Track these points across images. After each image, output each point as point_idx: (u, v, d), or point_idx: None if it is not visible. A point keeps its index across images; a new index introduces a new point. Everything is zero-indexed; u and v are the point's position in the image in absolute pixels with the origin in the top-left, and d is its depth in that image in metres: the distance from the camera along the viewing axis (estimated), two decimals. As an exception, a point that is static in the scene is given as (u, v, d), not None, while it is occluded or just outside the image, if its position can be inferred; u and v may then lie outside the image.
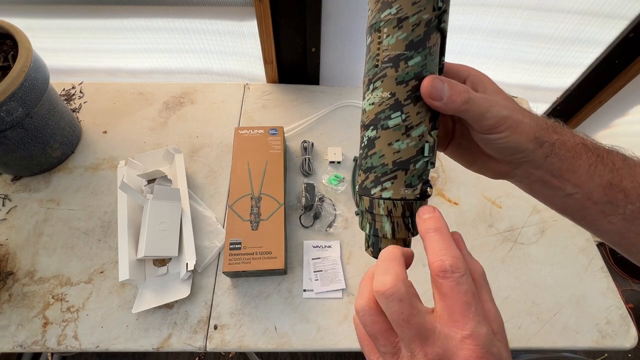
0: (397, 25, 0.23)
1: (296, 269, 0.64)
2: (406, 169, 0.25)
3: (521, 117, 0.26)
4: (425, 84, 0.24)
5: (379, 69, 0.24)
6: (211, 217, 0.68)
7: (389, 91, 0.24)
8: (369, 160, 0.26)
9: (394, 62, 0.24)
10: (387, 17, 0.24)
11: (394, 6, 0.23)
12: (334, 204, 0.72)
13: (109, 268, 0.62)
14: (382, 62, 0.24)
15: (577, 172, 0.27)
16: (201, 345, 0.56)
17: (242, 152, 0.70)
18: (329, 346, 0.57)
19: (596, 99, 0.95)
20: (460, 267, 0.21)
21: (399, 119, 0.24)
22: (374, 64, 0.25)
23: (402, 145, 0.25)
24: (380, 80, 0.24)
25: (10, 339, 0.56)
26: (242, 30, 0.79)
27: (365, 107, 0.26)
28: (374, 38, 0.25)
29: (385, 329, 0.22)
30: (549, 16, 0.77)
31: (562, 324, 0.61)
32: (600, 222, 0.28)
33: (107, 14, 0.76)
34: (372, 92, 0.25)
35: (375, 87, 0.25)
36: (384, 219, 0.26)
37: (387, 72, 0.24)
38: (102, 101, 0.85)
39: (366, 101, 0.26)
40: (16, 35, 0.62)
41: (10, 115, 0.59)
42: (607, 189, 0.26)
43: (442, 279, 0.21)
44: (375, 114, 0.25)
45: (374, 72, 0.25)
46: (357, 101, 0.87)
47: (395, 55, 0.24)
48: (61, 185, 0.71)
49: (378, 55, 0.24)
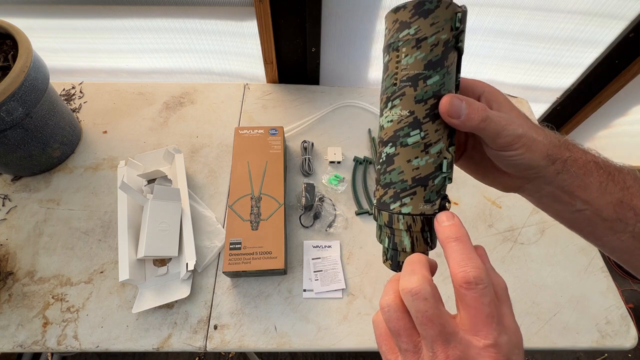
0: (416, 46, 0.24)
1: (296, 269, 0.64)
2: (425, 185, 0.26)
3: (535, 135, 0.26)
4: (444, 103, 0.24)
5: (397, 87, 0.25)
6: (211, 217, 0.68)
7: (407, 109, 0.25)
8: (387, 176, 0.27)
9: (412, 81, 0.24)
10: (406, 37, 0.24)
11: (412, 27, 0.24)
12: (334, 204, 0.72)
13: (109, 268, 0.62)
14: (400, 81, 0.25)
15: (587, 189, 0.27)
16: (201, 345, 0.56)
17: (242, 152, 0.70)
18: (329, 346, 0.57)
19: (596, 99, 0.95)
20: (484, 279, 0.21)
21: (417, 136, 0.25)
22: (392, 82, 0.25)
23: (421, 162, 0.25)
24: (399, 98, 0.25)
25: (10, 339, 0.56)
26: (242, 30, 0.79)
27: (384, 124, 0.26)
28: (392, 57, 0.25)
29: (408, 326, 0.22)
30: (549, 16, 0.77)
31: (562, 324, 0.61)
32: (609, 238, 0.28)
33: (107, 14, 0.76)
34: (391, 110, 0.25)
35: (394, 105, 0.25)
36: (403, 233, 0.26)
37: (406, 91, 0.24)
38: (102, 101, 0.85)
39: (384, 118, 0.26)
40: (16, 35, 0.62)
41: (10, 115, 0.59)
42: (617, 207, 0.27)
43: (465, 290, 0.21)
44: (394, 131, 0.25)
45: (393, 90, 0.25)
46: (357, 101, 0.87)
47: (414, 74, 0.24)
48: (61, 185, 0.71)
49: (396, 74, 0.25)
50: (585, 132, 1.11)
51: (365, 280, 0.64)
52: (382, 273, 0.64)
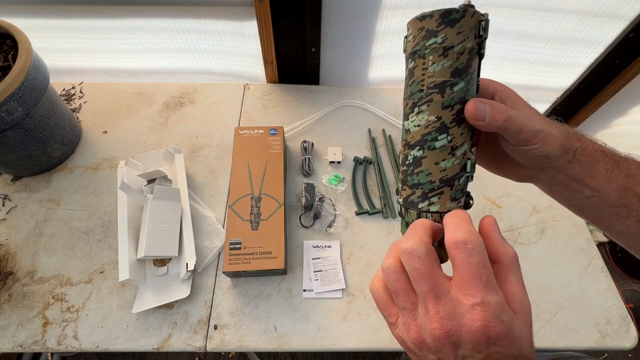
0: (443, 54, 0.25)
1: (296, 269, 0.64)
2: (451, 185, 0.28)
3: (550, 129, 0.28)
4: (470, 108, 0.26)
5: (424, 93, 0.26)
6: (211, 217, 0.68)
7: (435, 115, 0.26)
8: (415, 177, 0.28)
9: (439, 88, 0.25)
10: (433, 45, 0.25)
11: (439, 35, 0.24)
12: (334, 204, 0.72)
13: (109, 268, 0.62)
14: (427, 88, 0.26)
15: (595, 177, 0.29)
16: (201, 345, 0.56)
17: (242, 152, 0.70)
18: (329, 346, 0.57)
19: (596, 99, 0.95)
20: (473, 241, 0.22)
21: (445, 140, 0.26)
22: (418, 88, 0.26)
23: (447, 164, 0.27)
24: (426, 104, 0.26)
25: (10, 339, 0.56)
26: (242, 30, 0.79)
27: (410, 128, 0.27)
28: (419, 64, 0.26)
29: (406, 286, 0.24)
30: (549, 16, 0.77)
31: (562, 324, 0.61)
32: (615, 224, 0.30)
33: (107, 14, 0.76)
34: (418, 115, 0.26)
35: (421, 110, 0.26)
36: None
37: (434, 97, 0.25)
38: (102, 101, 0.85)
39: (410, 122, 0.27)
40: (16, 35, 0.62)
41: (10, 115, 0.59)
42: (622, 193, 0.28)
43: (454, 251, 0.23)
44: (421, 135, 0.26)
45: (420, 97, 0.26)
46: (357, 101, 0.87)
47: (441, 81, 0.25)
48: (61, 185, 0.71)
49: (423, 81, 0.26)
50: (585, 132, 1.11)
51: (365, 280, 0.64)
52: (382, 273, 0.64)
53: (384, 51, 0.84)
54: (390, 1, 0.73)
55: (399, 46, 0.83)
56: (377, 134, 0.83)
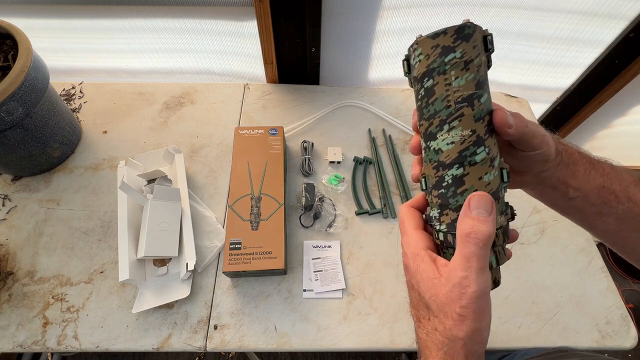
0: (465, 67, 0.25)
1: (296, 269, 0.64)
2: (497, 198, 0.26)
3: (545, 133, 0.29)
4: (501, 116, 0.26)
5: (453, 109, 0.25)
6: (211, 217, 0.68)
7: (469, 129, 0.25)
8: (460, 198, 0.26)
9: (468, 101, 0.25)
10: (453, 60, 0.25)
11: (457, 50, 0.25)
12: (334, 204, 0.72)
13: (109, 268, 0.62)
14: (455, 102, 0.25)
15: (576, 177, 0.31)
16: (201, 345, 0.56)
17: (242, 152, 0.70)
18: (329, 346, 0.57)
19: (596, 99, 0.95)
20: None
21: (484, 153, 0.25)
22: (444, 105, 0.25)
23: (490, 177, 0.26)
24: (457, 119, 0.25)
25: (10, 339, 0.56)
26: (242, 30, 0.79)
27: (442, 147, 0.26)
28: (439, 80, 0.25)
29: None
30: (549, 16, 0.77)
31: (562, 324, 0.61)
32: (597, 222, 0.32)
33: (107, 14, 0.76)
34: (450, 132, 0.26)
35: (453, 126, 0.25)
36: (490, 252, 0.26)
37: (464, 112, 0.25)
38: (102, 101, 0.85)
39: (441, 141, 0.26)
40: (16, 35, 0.62)
41: (10, 115, 0.59)
42: (600, 192, 0.30)
43: None
44: (458, 152, 0.25)
45: (448, 113, 0.25)
46: (357, 101, 0.87)
47: (469, 94, 0.25)
48: (61, 185, 0.71)
49: (449, 97, 0.25)
50: (585, 132, 1.11)
51: (365, 280, 0.64)
52: (382, 273, 0.64)
53: (384, 51, 0.84)
54: (390, 1, 0.73)
55: (399, 46, 0.83)
56: (377, 134, 0.83)
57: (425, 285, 0.26)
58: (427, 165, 0.28)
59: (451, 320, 0.24)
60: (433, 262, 0.26)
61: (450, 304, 0.24)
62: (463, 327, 0.23)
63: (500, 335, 0.59)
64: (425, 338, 0.26)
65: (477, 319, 0.23)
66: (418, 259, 0.27)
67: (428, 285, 0.25)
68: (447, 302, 0.24)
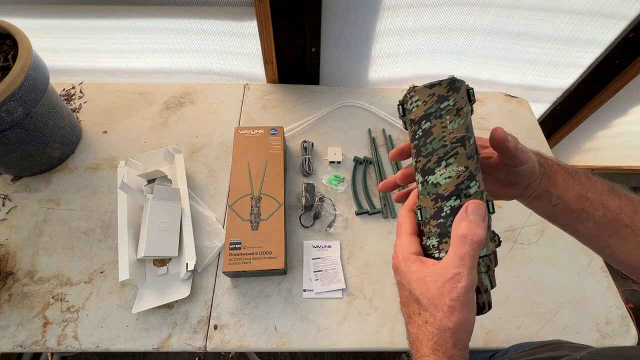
0: (457, 114, 0.29)
1: (296, 269, 0.64)
2: (488, 227, 0.29)
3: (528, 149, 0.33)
4: (499, 131, 0.31)
5: (449, 147, 0.29)
6: (211, 217, 0.68)
7: (463, 165, 0.29)
8: None
9: (461, 142, 0.29)
10: (447, 107, 0.29)
11: (450, 99, 0.29)
12: (334, 204, 0.72)
13: (109, 268, 0.62)
14: (451, 143, 0.29)
15: (557, 185, 0.34)
16: (201, 345, 0.56)
17: (242, 152, 0.70)
18: (329, 346, 0.57)
19: (596, 99, 0.95)
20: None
21: (476, 186, 0.29)
22: (441, 144, 0.29)
23: None
24: (453, 157, 0.29)
25: (10, 339, 0.56)
26: (242, 30, 0.79)
27: (440, 181, 0.29)
28: (436, 123, 0.29)
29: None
30: (549, 16, 0.77)
31: (562, 324, 0.61)
32: (578, 227, 0.35)
33: (107, 14, 0.76)
34: (446, 168, 0.29)
35: (449, 163, 0.29)
36: (483, 275, 0.29)
37: (459, 150, 0.29)
38: (102, 101, 0.85)
39: (439, 175, 0.29)
40: (16, 35, 0.62)
41: (10, 115, 0.59)
42: (578, 199, 0.34)
43: None
44: (455, 185, 0.29)
45: (445, 151, 0.29)
46: (357, 101, 0.87)
47: (461, 136, 0.29)
48: (61, 185, 0.71)
49: (445, 137, 0.29)
50: (585, 132, 1.11)
51: (365, 280, 0.64)
52: (382, 273, 0.64)
53: (384, 51, 0.84)
54: (390, 1, 0.73)
55: (399, 46, 0.83)
56: (377, 134, 0.83)
57: (417, 283, 0.28)
58: (425, 198, 0.30)
59: (441, 312, 0.26)
60: (423, 264, 0.29)
61: (441, 297, 0.26)
62: (452, 318, 0.26)
63: (500, 335, 0.59)
64: (416, 332, 0.28)
65: (464, 310, 0.26)
66: (409, 261, 0.29)
67: (419, 282, 0.28)
68: (437, 296, 0.26)
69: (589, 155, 1.26)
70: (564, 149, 1.20)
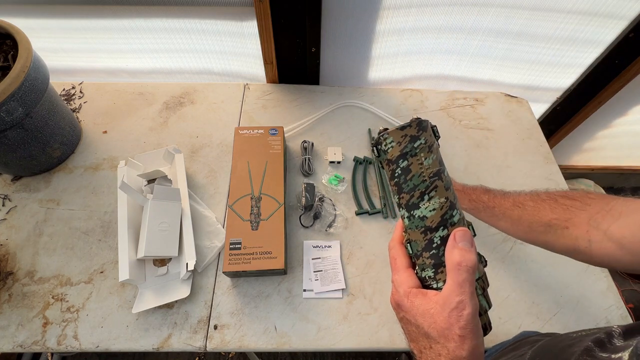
0: (429, 150, 0.32)
1: (296, 269, 0.64)
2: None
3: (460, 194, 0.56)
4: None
5: (429, 182, 0.31)
6: (211, 217, 0.68)
7: (444, 197, 0.31)
8: None
9: (438, 176, 0.31)
10: (420, 145, 0.32)
11: (421, 137, 0.32)
12: (334, 204, 0.72)
13: (109, 268, 0.62)
14: (429, 177, 0.31)
15: (490, 203, 0.52)
16: (201, 345, 0.56)
17: (242, 152, 0.70)
18: (329, 346, 0.57)
19: (596, 99, 0.95)
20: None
21: (458, 214, 0.31)
22: (421, 179, 0.31)
23: None
24: (434, 190, 0.31)
25: (10, 339, 0.56)
26: (242, 30, 0.79)
27: (426, 214, 0.31)
28: (413, 161, 0.32)
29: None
30: (549, 16, 0.77)
31: (562, 324, 0.61)
32: (496, 223, 0.51)
33: (107, 14, 0.76)
34: (430, 201, 0.31)
35: (431, 196, 0.31)
36: (480, 297, 0.29)
37: (437, 184, 0.31)
38: (102, 101, 0.85)
39: (424, 209, 0.31)
40: (16, 35, 0.62)
41: (10, 115, 0.59)
42: (486, 204, 0.52)
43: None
44: (440, 216, 0.30)
45: (425, 186, 0.31)
46: (357, 101, 0.87)
47: (437, 170, 0.31)
48: (61, 185, 0.71)
49: (423, 173, 0.31)
50: (585, 132, 1.11)
51: (365, 280, 0.64)
52: (382, 273, 0.64)
53: (384, 51, 0.84)
54: (390, 1, 0.73)
55: (399, 46, 0.83)
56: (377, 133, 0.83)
57: (423, 317, 0.28)
58: (414, 232, 0.31)
59: (453, 342, 0.26)
60: (425, 296, 0.29)
61: (450, 327, 0.26)
62: (465, 347, 0.26)
63: (500, 335, 0.59)
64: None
65: (474, 337, 0.26)
66: (411, 296, 0.29)
67: (425, 316, 0.28)
68: (446, 327, 0.26)
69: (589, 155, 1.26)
70: (564, 149, 1.20)
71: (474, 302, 0.26)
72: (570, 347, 0.31)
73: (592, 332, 0.32)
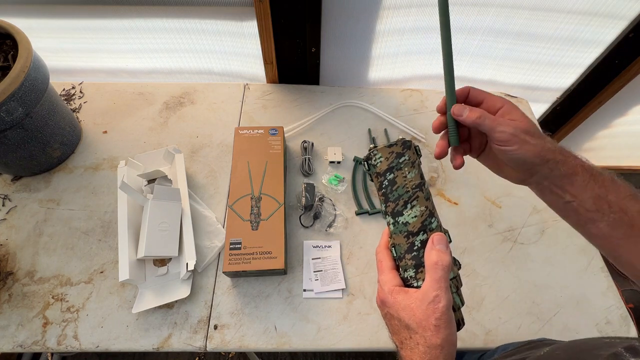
0: (412, 165, 0.37)
1: (296, 269, 0.64)
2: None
3: (527, 138, 0.35)
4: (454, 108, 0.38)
5: (411, 193, 0.36)
6: (211, 217, 0.68)
7: (424, 206, 0.35)
8: None
9: (419, 187, 0.36)
10: (404, 161, 0.38)
11: (405, 154, 0.38)
12: (334, 204, 0.72)
13: (109, 268, 0.62)
14: (412, 189, 0.36)
15: (574, 185, 0.35)
16: (201, 345, 0.56)
17: (242, 152, 0.70)
18: (329, 346, 0.57)
19: (596, 99, 0.95)
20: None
21: (436, 221, 0.35)
22: (405, 190, 0.36)
23: None
24: (415, 199, 0.36)
25: (10, 339, 0.56)
26: (242, 30, 0.79)
27: (409, 220, 0.35)
28: (398, 174, 0.37)
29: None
30: (549, 16, 0.77)
31: (562, 324, 0.61)
32: (589, 226, 0.36)
33: (107, 14, 0.76)
34: (412, 209, 0.36)
35: (413, 205, 0.36)
36: (454, 295, 0.33)
37: (418, 194, 0.36)
38: (102, 101, 0.85)
39: (407, 216, 0.36)
40: (16, 35, 0.62)
41: (10, 115, 0.59)
42: (596, 200, 0.35)
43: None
44: (421, 222, 0.35)
45: (409, 196, 0.36)
46: (357, 101, 0.87)
47: (418, 183, 0.36)
48: (61, 185, 0.71)
49: (406, 185, 0.37)
50: (585, 132, 1.11)
51: (365, 280, 0.64)
52: (382, 273, 0.64)
53: (384, 51, 0.84)
54: (390, 1, 0.73)
55: (399, 46, 0.83)
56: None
57: (404, 311, 0.32)
58: (398, 236, 0.36)
59: (429, 331, 0.30)
60: (407, 293, 0.32)
61: (427, 318, 0.30)
62: (439, 335, 0.29)
63: (500, 335, 0.59)
64: (409, 354, 0.31)
65: (448, 327, 0.30)
66: (394, 293, 0.33)
67: (407, 310, 0.31)
68: (424, 318, 0.30)
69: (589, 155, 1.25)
70: (564, 149, 1.19)
71: (447, 296, 0.30)
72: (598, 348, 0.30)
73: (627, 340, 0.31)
